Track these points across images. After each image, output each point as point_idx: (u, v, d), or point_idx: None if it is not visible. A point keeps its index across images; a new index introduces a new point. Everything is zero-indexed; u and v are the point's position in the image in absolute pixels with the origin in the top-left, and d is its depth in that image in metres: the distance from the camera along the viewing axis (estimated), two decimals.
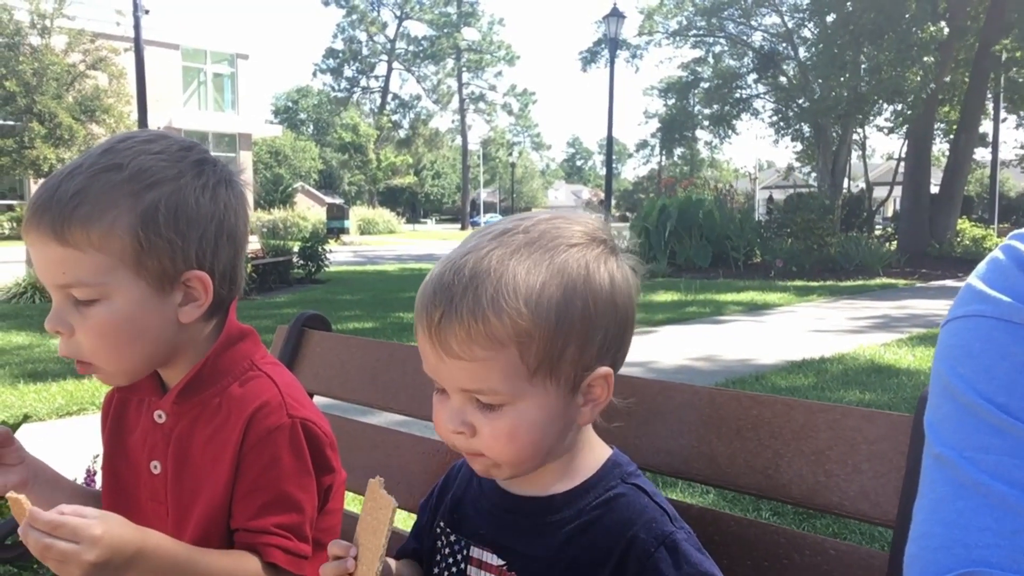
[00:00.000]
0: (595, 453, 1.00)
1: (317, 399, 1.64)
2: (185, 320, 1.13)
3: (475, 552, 1.00)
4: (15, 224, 27.49)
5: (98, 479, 1.30)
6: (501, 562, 0.97)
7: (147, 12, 12.54)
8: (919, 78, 20.77)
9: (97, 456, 1.60)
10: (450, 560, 1.03)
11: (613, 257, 0.95)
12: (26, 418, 2.25)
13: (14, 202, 30.83)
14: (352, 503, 3.45)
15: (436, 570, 1.04)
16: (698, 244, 18.49)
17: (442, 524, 1.06)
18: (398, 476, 1.54)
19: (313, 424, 1.15)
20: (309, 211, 39.40)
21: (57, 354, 1.12)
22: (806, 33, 28.92)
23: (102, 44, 28.17)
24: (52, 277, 1.07)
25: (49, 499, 1.13)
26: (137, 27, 12.10)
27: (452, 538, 1.04)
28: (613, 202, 38.99)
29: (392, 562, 1.03)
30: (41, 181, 1.13)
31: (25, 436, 1.23)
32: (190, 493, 1.14)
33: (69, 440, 4.68)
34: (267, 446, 1.11)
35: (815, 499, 1.05)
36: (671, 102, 37.17)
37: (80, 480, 1.73)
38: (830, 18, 23.97)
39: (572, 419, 0.95)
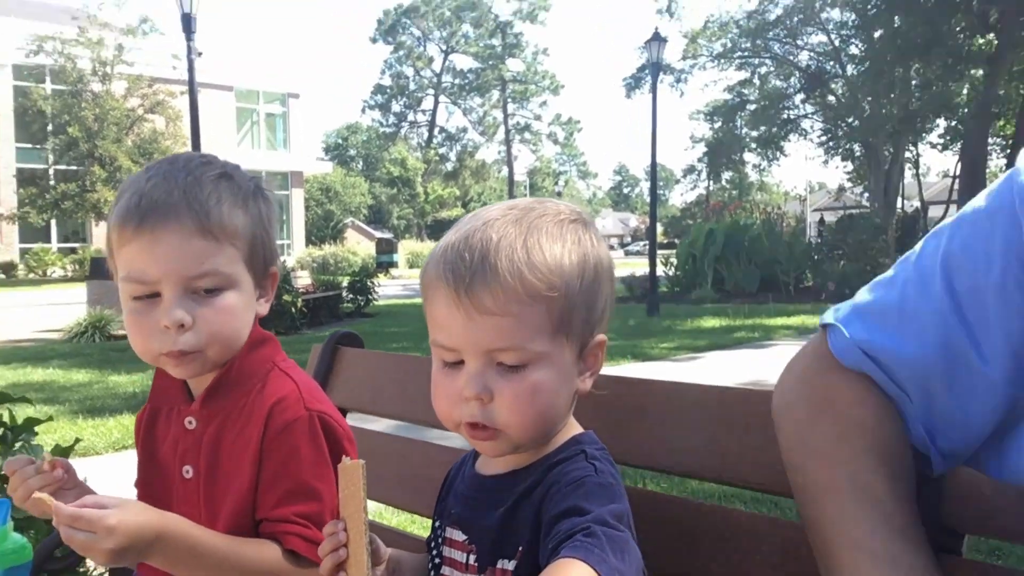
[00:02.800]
0: (566, 433, 1.04)
1: (352, 416, 1.70)
2: (262, 312, 1.26)
3: (448, 532, 1.06)
4: (77, 267, 28.41)
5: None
6: (464, 537, 1.03)
7: (200, 55, 12.98)
8: (967, 92, 20.36)
9: None
10: (433, 545, 1.09)
11: (599, 234, 1.05)
12: (77, 441, 2.35)
13: (76, 245, 31.88)
14: (378, 516, 3.50)
15: (430, 558, 1.09)
16: (746, 269, 18.29)
17: (435, 517, 1.12)
18: (427, 487, 1.58)
19: (329, 416, 1.21)
20: (359, 246, 40.00)
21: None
22: (853, 50, 28.61)
23: (159, 88, 29.20)
24: (187, 269, 1.15)
25: None
26: (191, 70, 12.54)
27: (437, 524, 1.10)
28: (661, 228, 38.82)
29: (403, 553, 1.08)
30: (117, 206, 1.19)
31: (82, 467, 1.32)
32: (221, 493, 1.20)
33: (125, 472, 4.82)
34: (286, 438, 1.17)
35: None
36: (717, 125, 37.01)
37: None
38: (877, 34, 23.71)
39: (575, 387, 1.01)
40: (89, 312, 12.23)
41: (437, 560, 1.07)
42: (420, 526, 3.17)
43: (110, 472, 5.05)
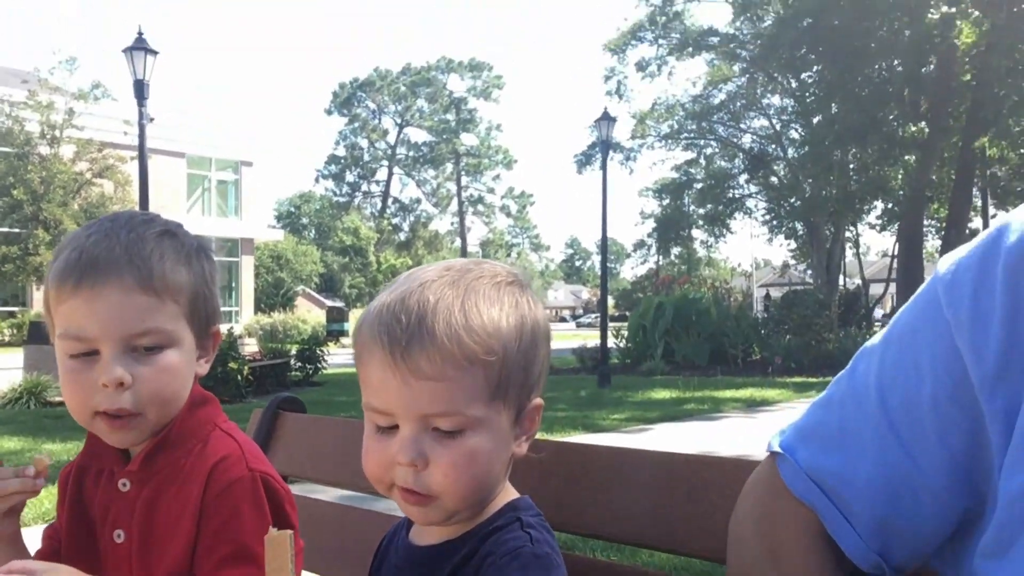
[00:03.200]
0: (501, 500, 1.02)
1: (293, 485, 1.65)
2: (201, 373, 1.22)
3: None
4: (15, 331, 27.58)
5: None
6: None
7: (152, 120, 12.95)
8: (901, 176, 21.28)
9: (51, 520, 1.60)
10: None
11: (535, 296, 1.04)
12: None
13: (15, 309, 31.02)
14: None
15: None
16: (695, 341, 18.53)
17: None
18: (369, 557, 1.54)
19: (272, 479, 1.18)
20: (309, 314, 39.59)
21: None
22: (794, 135, 29.77)
23: (109, 153, 28.91)
24: (127, 326, 1.12)
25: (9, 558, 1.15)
26: (142, 135, 12.46)
27: None
28: (612, 301, 39.22)
29: None
30: (56, 263, 1.17)
31: None
32: (156, 557, 1.15)
33: None
34: (227, 498, 1.13)
35: None
36: (666, 202, 37.84)
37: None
38: (816, 120, 24.73)
39: (511, 451, 1.00)
40: (25, 377, 11.81)
41: None
42: None
43: (39, 543, 4.83)
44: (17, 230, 28.02)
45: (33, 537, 1.22)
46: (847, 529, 0.83)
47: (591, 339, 21.13)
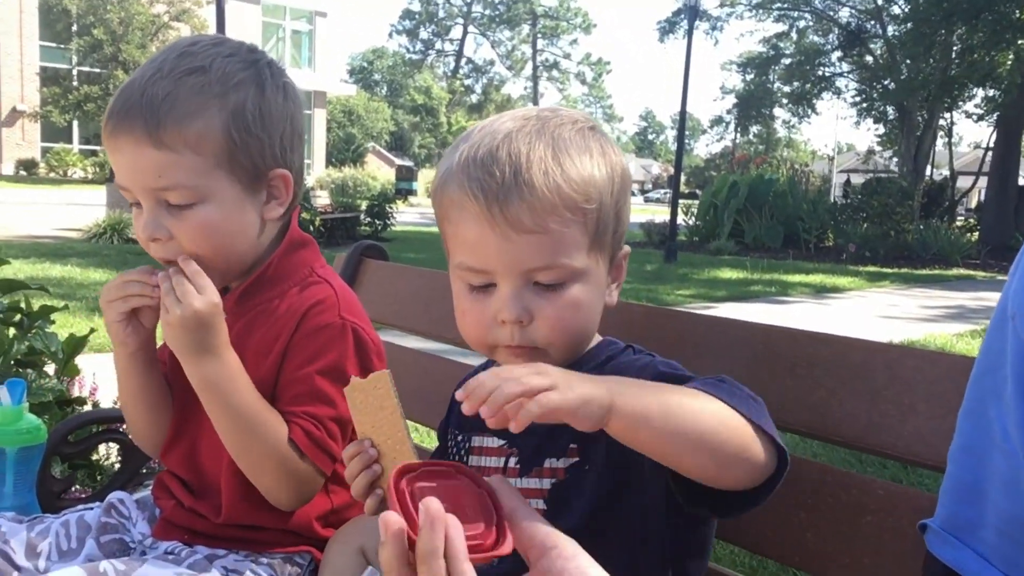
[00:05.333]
0: (595, 339, 1.03)
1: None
2: (270, 217, 1.17)
3: (476, 441, 1.01)
4: (98, 168, 28.43)
5: None
6: (501, 442, 0.98)
7: None
8: (1011, 61, 19.80)
9: None
10: (453, 455, 1.04)
11: (613, 141, 1.00)
12: (92, 331, 2.34)
13: (97, 148, 31.89)
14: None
15: None
16: (768, 224, 18.09)
17: (452, 428, 1.07)
18: (444, 403, 1.55)
19: (362, 329, 1.17)
20: (379, 171, 39.72)
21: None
22: (896, 10, 27.76)
23: None
24: (146, 181, 1.08)
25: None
26: None
27: (459, 437, 1.05)
28: (683, 178, 38.42)
29: None
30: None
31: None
32: None
33: None
34: (315, 339, 1.13)
35: (867, 439, 1.02)
36: (750, 77, 36.26)
37: None
38: None
39: (604, 299, 0.99)
40: (108, 214, 12.25)
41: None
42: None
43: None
44: (98, 70, 28.41)
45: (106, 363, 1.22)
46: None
47: (659, 214, 20.81)
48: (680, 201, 17.48)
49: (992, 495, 0.74)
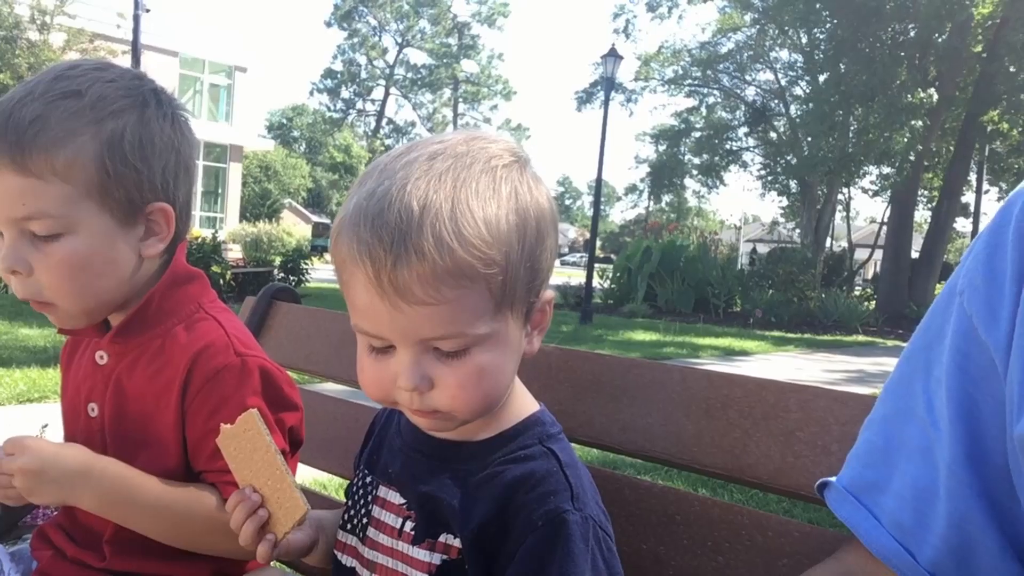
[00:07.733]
0: (520, 404, 0.95)
1: None
2: (148, 254, 1.09)
3: (381, 491, 0.96)
4: None
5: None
6: (402, 501, 0.93)
7: (148, 11, 12.54)
8: (906, 141, 21.12)
9: (45, 426, 1.54)
10: (359, 499, 0.99)
11: (537, 176, 0.91)
12: None
13: None
14: (313, 483, 3.36)
15: (347, 510, 1.00)
16: (679, 288, 18.58)
17: (362, 467, 1.02)
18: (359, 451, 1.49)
19: (264, 360, 1.12)
20: (295, 228, 39.25)
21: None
22: (798, 91, 29.38)
23: (100, 45, 28.13)
24: (8, 209, 1.00)
25: None
26: (136, 27, 12.11)
27: (368, 479, 0.99)
28: (599, 243, 39.20)
29: (325, 512, 1.01)
30: None
31: None
32: (132, 439, 1.10)
33: (29, 425, 4.58)
34: (215, 387, 1.07)
35: (781, 480, 1.02)
36: (662, 148, 37.48)
37: None
38: (822, 78, 24.39)
39: (522, 351, 0.91)
40: None
41: (364, 520, 0.96)
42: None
43: (13, 424, 4.81)
44: None
45: (9, 415, 1.15)
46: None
47: (575, 277, 21.11)
48: (596, 265, 17.82)
49: (901, 464, 0.77)
